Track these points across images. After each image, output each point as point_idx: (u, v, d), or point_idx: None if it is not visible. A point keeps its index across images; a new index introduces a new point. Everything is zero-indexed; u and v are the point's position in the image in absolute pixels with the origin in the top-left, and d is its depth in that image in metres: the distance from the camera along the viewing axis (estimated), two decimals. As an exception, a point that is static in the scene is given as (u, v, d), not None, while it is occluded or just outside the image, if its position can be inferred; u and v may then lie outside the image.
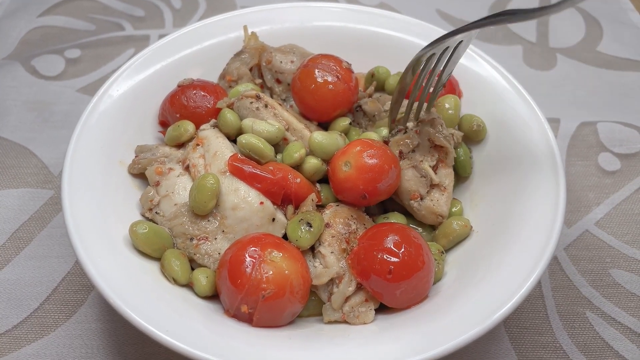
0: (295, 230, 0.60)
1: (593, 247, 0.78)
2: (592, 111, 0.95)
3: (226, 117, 0.68)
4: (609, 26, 1.11)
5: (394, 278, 0.57)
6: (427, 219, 0.67)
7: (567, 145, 0.90)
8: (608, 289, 0.73)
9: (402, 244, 0.58)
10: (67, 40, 1.04)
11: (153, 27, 1.08)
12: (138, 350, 0.65)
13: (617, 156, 0.89)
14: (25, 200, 0.80)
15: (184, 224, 0.62)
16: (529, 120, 0.72)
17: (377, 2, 1.16)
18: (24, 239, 0.76)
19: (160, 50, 0.79)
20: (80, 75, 0.98)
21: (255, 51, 0.79)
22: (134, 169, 0.68)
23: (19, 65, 0.99)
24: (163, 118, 0.74)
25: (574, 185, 0.85)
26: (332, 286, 0.60)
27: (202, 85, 0.74)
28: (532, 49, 1.07)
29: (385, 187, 0.63)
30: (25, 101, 0.93)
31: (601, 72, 1.03)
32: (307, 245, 0.60)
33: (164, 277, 0.60)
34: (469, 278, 0.61)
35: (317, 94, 0.70)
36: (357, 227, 0.63)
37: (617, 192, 0.84)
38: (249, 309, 0.56)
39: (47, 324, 0.68)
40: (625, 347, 0.68)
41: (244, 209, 0.61)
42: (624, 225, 0.80)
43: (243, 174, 0.62)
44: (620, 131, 0.92)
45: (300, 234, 0.59)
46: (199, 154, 0.66)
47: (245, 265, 0.55)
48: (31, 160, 0.85)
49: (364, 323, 0.58)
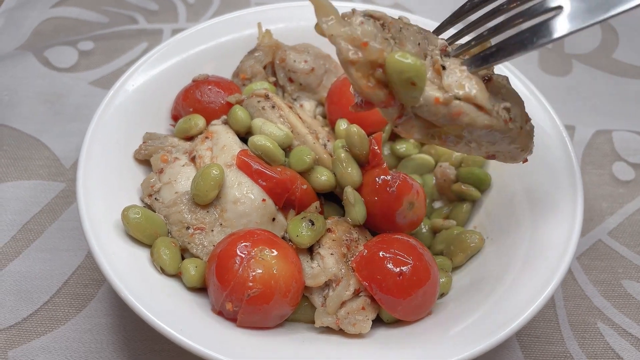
0: (296, 227, 0.59)
1: (605, 257, 0.77)
2: (607, 119, 0.94)
3: (237, 114, 0.67)
4: (625, 33, 1.10)
5: (404, 281, 0.55)
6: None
7: (582, 153, 0.89)
8: (620, 300, 0.73)
9: (413, 251, 0.57)
10: (80, 32, 1.04)
11: (166, 21, 1.07)
12: (147, 346, 0.65)
13: (632, 166, 0.88)
14: (36, 192, 0.80)
15: (181, 212, 0.61)
16: (547, 128, 0.71)
17: (391, 2, 1.15)
18: (35, 231, 0.76)
19: (176, 45, 0.78)
20: (93, 67, 0.98)
21: (269, 49, 0.79)
22: (139, 155, 0.68)
23: (32, 56, 0.98)
24: (176, 112, 0.74)
25: (588, 194, 0.84)
26: (328, 290, 0.58)
27: (217, 82, 0.74)
28: (547, 54, 1.06)
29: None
30: (38, 92, 0.93)
31: (617, 79, 1.02)
32: (307, 243, 0.59)
33: (152, 265, 0.59)
34: (480, 288, 0.60)
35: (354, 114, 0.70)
36: (358, 236, 0.62)
37: (631, 202, 0.84)
38: (234, 307, 0.54)
39: (57, 317, 0.68)
40: (636, 358, 0.67)
41: (244, 203, 0.60)
42: (636, 236, 0.80)
43: (249, 170, 0.62)
44: (636, 140, 0.91)
45: (302, 230, 0.58)
46: (207, 147, 0.66)
47: (233, 261, 0.54)
48: (43, 152, 0.85)
49: (360, 333, 0.56)
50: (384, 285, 0.56)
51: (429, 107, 0.47)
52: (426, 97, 0.47)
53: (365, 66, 0.46)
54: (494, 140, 0.51)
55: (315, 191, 0.65)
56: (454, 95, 0.48)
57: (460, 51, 0.52)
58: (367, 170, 0.66)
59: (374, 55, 0.45)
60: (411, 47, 0.49)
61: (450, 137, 0.51)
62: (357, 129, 0.65)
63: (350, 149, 0.66)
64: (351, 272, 0.58)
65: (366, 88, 0.46)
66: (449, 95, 0.48)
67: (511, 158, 0.54)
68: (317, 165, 0.66)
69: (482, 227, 0.69)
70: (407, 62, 0.45)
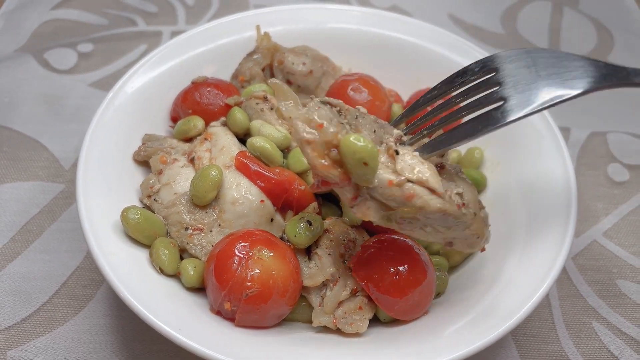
0: (294, 227, 0.60)
1: (600, 257, 0.78)
2: (602, 121, 0.95)
3: (235, 116, 0.68)
4: (620, 35, 1.11)
5: (400, 281, 0.56)
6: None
7: (577, 155, 0.90)
8: (614, 300, 0.74)
9: (410, 251, 0.58)
10: (80, 34, 1.04)
11: (165, 23, 1.08)
12: (146, 347, 0.66)
13: (627, 167, 0.89)
14: (35, 193, 0.81)
15: (180, 213, 0.62)
16: (541, 129, 0.72)
17: (389, 4, 1.16)
18: (34, 232, 0.76)
19: (175, 47, 0.79)
20: (93, 69, 0.98)
21: (268, 51, 0.80)
22: (139, 156, 0.69)
23: (32, 58, 0.99)
24: (175, 114, 0.75)
25: (583, 195, 0.85)
26: (325, 290, 0.58)
27: (216, 84, 0.74)
28: (543, 56, 1.07)
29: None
30: (37, 94, 0.94)
31: (612, 82, 1.03)
32: (305, 244, 0.59)
33: (151, 266, 0.59)
34: (476, 287, 0.61)
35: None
36: (355, 237, 0.63)
37: (626, 203, 0.84)
38: (232, 307, 0.55)
39: (56, 318, 0.68)
40: (630, 358, 0.68)
41: (243, 204, 0.61)
42: (631, 236, 0.80)
43: (248, 171, 0.62)
44: (631, 142, 0.92)
45: (300, 230, 0.59)
46: (206, 148, 0.67)
47: (231, 261, 0.55)
48: (42, 153, 0.85)
49: (357, 333, 0.57)
50: (381, 285, 0.57)
51: (383, 188, 0.50)
52: (380, 179, 0.49)
53: (320, 146, 0.48)
54: (449, 225, 0.52)
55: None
56: (407, 178, 0.50)
57: (414, 139, 0.54)
58: None
59: (329, 136, 0.48)
60: (367, 133, 0.52)
61: (406, 221, 0.52)
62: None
63: None
64: (348, 272, 0.59)
65: (321, 167, 0.49)
66: (402, 178, 0.50)
67: (469, 246, 0.55)
68: (313, 167, 0.67)
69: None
70: (360, 144, 0.47)
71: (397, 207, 0.51)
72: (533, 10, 1.16)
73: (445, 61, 0.82)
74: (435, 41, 0.84)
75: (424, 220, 0.52)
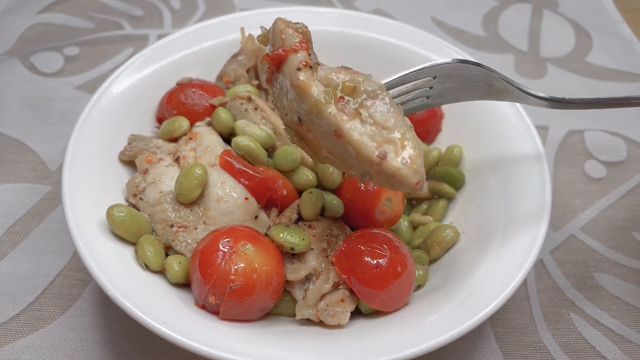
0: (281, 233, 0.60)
1: (578, 251, 0.80)
2: (579, 120, 0.97)
3: (220, 116, 0.69)
4: (599, 37, 1.14)
5: (381, 273, 0.57)
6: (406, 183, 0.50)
7: (555, 152, 0.92)
8: (592, 292, 0.76)
9: (390, 244, 0.60)
10: (66, 37, 1.05)
11: (152, 27, 1.09)
12: (133, 343, 0.66)
13: (603, 164, 0.91)
14: (22, 195, 0.81)
15: (166, 211, 0.63)
16: (518, 127, 0.74)
17: (373, 7, 1.18)
18: (21, 233, 0.77)
19: (160, 50, 0.80)
20: (79, 72, 0.99)
21: (252, 53, 0.81)
22: (124, 156, 0.70)
23: (18, 62, 0.99)
24: (160, 115, 0.76)
25: (561, 191, 0.87)
26: (309, 284, 0.60)
27: (200, 85, 0.76)
28: (523, 58, 1.10)
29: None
30: (23, 97, 0.94)
31: (589, 82, 1.05)
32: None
33: (137, 263, 0.60)
34: (454, 281, 0.62)
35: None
36: (338, 232, 0.65)
37: (602, 199, 0.87)
38: (217, 300, 0.56)
39: (42, 317, 0.69)
40: (607, 347, 0.70)
41: (227, 202, 0.62)
42: (608, 231, 0.83)
43: (232, 169, 0.64)
44: (607, 140, 0.94)
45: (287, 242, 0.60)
46: (191, 147, 0.68)
47: (216, 256, 0.56)
48: (28, 155, 0.86)
49: (339, 324, 0.58)
50: (362, 278, 0.58)
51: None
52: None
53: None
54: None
55: (297, 190, 0.67)
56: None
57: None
58: None
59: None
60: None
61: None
62: None
63: None
64: (331, 266, 0.60)
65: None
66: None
67: (388, 182, 0.51)
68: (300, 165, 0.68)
69: (458, 223, 0.72)
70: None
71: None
72: (514, 13, 1.19)
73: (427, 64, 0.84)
74: (418, 43, 0.86)
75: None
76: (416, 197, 0.77)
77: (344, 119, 0.50)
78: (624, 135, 0.95)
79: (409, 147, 0.50)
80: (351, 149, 0.50)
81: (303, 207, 0.64)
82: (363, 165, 0.51)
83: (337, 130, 0.50)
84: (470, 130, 0.78)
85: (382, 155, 0.49)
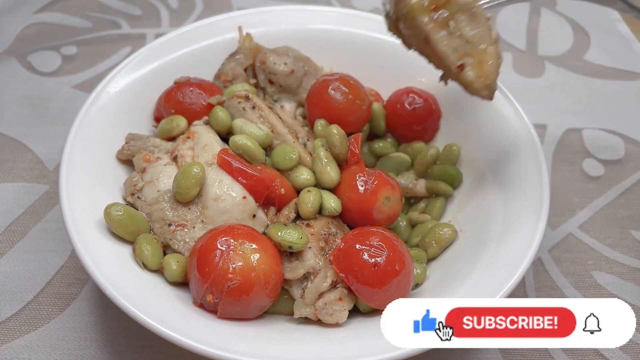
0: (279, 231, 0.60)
1: (576, 249, 0.80)
2: (578, 118, 0.97)
3: (217, 115, 0.69)
4: (597, 36, 1.14)
5: (379, 272, 0.57)
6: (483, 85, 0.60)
7: (553, 151, 0.92)
8: (590, 290, 0.76)
9: (387, 242, 0.59)
10: (64, 37, 1.05)
11: (149, 26, 1.09)
12: (131, 342, 0.66)
13: (601, 162, 0.91)
14: (20, 194, 0.81)
15: (163, 210, 0.62)
16: (516, 125, 0.74)
17: (371, 7, 1.18)
18: (19, 233, 0.77)
19: (158, 49, 0.80)
20: (76, 72, 0.99)
21: (250, 52, 0.81)
22: (122, 155, 0.69)
23: (15, 61, 0.99)
24: (158, 114, 0.76)
25: (559, 190, 0.87)
26: (307, 282, 0.60)
27: (198, 83, 0.76)
28: (521, 56, 1.10)
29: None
30: (21, 96, 0.94)
31: (588, 80, 1.05)
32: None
33: (135, 262, 0.60)
34: (452, 279, 0.62)
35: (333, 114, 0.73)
36: (336, 230, 0.64)
37: (601, 197, 0.86)
38: (214, 299, 0.56)
39: (40, 316, 0.69)
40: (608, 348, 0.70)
41: (225, 200, 0.62)
42: (606, 229, 0.83)
43: (230, 168, 0.63)
44: (605, 138, 0.94)
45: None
46: (189, 146, 0.68)
47: (213, 254, 0.56)
48: (26, 155, 0.86)
49: (337, 323, 0.58)
50: (360, 276, 0.58)
51: None
52: None
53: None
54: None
55: (295, 189, 0.67)
56: None
57: None
58: (344, 168, 0.68)
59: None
60: None
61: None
62: (337, 129, 0.68)
63: (330, 148, 0.68)
64: (329, 264, 0.60)
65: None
66: None
67: (481, 72, 0.58)
68: (297, 164, 0.68)
69: (456, 221, 0.72)
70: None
71: None
72: (511, 12, 1.19)
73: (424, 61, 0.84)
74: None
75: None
76: (414, 195, 0.77)
77: (434, 29, 0.58)
78: (622, 133, 0.95)
79: (486, 62, 0.59)
80: (436, 55, 0.59)
81: (301, 206, 0.64)
82: (445, 69, 0.60)
83: (426, 37, 0.58)
84: (468, 128, 0.78)
85: (460, 67, 0.58)
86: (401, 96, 0.81)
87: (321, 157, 0.67)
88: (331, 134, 0.68)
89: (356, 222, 0.67)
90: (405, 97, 0.81)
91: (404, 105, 0.80)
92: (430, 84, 0.83)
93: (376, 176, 0.66)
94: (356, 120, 0.76)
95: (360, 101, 0.76)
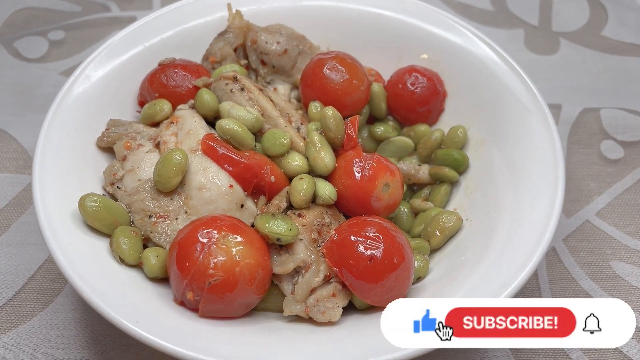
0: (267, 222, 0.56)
1: (593, 238, 0.75)
2: (595, 97, 0.91)
3: (203, 97, 0.65)
4: (614, 10, 1.07)
5: (375, 266, 0.53)
6: None
7: (568, 132, 0.87)
8: (608, 282, 0.71)
9: (385, 233, 0.55)
10: (52, 21, 1.01)
11: (140, 8, 1.04)
12: (115, 341, 0.63)
13: (621, 144, 0.85)
14: (3, 185, 0.78)
15: (144, 200, 0.59)
16: (529, 105, 0.68)
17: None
18: (1, 226, 0.74)
19: (143, 29, 0.76)
20: (64, 57, 0.95)
21: (240, 30, 0.76)
22: (102, 142, 0.66)
23: (2, 47, 0.96)
24: (142, 98, 0.72)
25: (575, 174, 0.81)
26: (298, 277, 0.55)
27: (184, 65, 0.71)
28: (534, 32, 1.03)
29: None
30: (6, 84, 0.91)
31: (605, 57, 0.99)
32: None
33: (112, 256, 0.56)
34: (457, 272, 0.58)
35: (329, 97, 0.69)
36: (330, 221, 0.60)
37: (620, 182, 0.81)
38: (195, 297, 0.52)
39: (22, 313, 0.66)
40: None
41: (210, 190, 0.58)
42: (626, 216, 0.77)
43: (215, 154, 0.59)
44: (624, 118, 0.89)
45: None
46: (172, 132, 0.64)
47: (194, 248, 0.52)
48: (10, 144, 0.83)
49: (330, 321, 0.54)
50: (355, 271, 0.54)
51: None
52: None
53: None
54: None
55: (287, 176, 0.63)
56: None
57: None
58: (340, 154, 0.63)
59: None
60: None
61: None
62: (332, 111, 0.63)
63: (325, 132, 0.63)
64: (321, 257, 0.56)
65: None
66: None
67: None
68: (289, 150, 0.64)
69: (462, 209, 0.67)
70: None
71: None
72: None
73: (430, 37, 0.79)
74: (419, 17, 0.80)
75: None
76: (417, 182, 0.72)
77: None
78: (644, 113, 0.89)
79: None
80: None
81: (293, 194, 0.59)
82: None
83: None
84: (475, 109, 0.73)
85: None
86: (403, 76, 0.76)
87: (315, 142, 0.62)
88: (326, 117, 0.63)
89: (353, 212, 0.62)
90: (408, 77, 0.76)
91: (406, 86, 0.75)
92: (434, 62, 0.78)
93: (374, 161, 0.61)
94: (354, 102, 0.71)
95: (358, 81, 0.71)
